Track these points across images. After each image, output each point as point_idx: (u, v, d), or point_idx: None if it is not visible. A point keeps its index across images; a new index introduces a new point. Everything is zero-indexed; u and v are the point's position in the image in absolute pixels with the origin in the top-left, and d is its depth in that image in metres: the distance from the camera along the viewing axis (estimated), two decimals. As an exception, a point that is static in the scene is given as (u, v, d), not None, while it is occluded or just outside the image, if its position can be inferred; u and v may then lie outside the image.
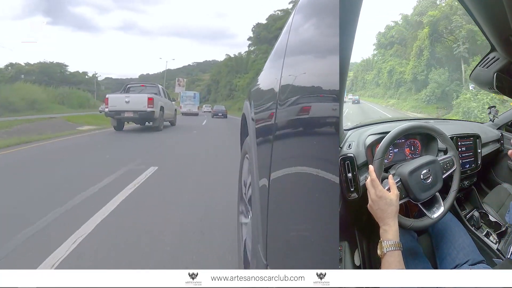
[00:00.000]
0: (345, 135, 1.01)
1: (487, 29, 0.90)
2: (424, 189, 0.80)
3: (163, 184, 2.96)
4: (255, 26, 40.65)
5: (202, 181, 3.10)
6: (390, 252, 0.65)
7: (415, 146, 1.02)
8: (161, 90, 8.81)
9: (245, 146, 1.30)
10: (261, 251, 0.83)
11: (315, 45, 0.64)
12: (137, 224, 1.95)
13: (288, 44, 0.85)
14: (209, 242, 1.71)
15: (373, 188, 0.71)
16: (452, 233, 0.91)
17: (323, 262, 0.50)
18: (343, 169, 0.88)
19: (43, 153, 4.87)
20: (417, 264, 0.83)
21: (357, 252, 0.97)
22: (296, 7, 0.87)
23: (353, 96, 12.85)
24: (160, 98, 8.21)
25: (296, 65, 0.75)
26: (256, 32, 39.96)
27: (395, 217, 0.69)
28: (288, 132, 0.74)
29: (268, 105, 0.94)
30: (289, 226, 0.67)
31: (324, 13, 0.60)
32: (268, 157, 0.82)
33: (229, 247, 1.61)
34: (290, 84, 0.75)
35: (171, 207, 2.30)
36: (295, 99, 0.69)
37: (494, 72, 1.06)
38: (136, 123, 8.41)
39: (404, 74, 14.24)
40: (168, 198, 2.52)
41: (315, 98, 0.58)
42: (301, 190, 0.61)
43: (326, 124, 0.52)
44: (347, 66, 0.62)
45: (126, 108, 7.37)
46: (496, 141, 1.32)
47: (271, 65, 1.11)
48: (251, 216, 1.09)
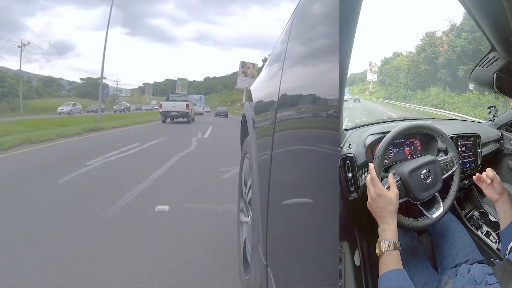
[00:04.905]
0: (345, 135, 1.01)
1: (487, 29, 0.90)
2: (423, 189, 0.80)
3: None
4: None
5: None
6: (389, 251, 0.65)
7: (415, 146, 1.02)
8: (189, 99, 14.93)
9: (245, 146, 1.30)
10: (261, 251, 0.83)
11: (315, 45, 0.65)
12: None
13: (289, 44, 0.85)
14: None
15: (373, 186, 0.71)
16: (452, 233, 0.91)
17: (323, 262, 0.50)
18: (343, 169, 0.88)
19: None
20: (417, 264, 0.83)
21: (357, 252, 0.97)
22: (297, 5, 0.87)
23: (353, 96, 13.00)
24: (190, 103, 13.86)
25: (296, 65, 0.75)
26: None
27: (394, 216, 0.69)
28: (288, 132, 0.74)
29: (268, 105, 0.94)
30: (289, 226, 0.67)
31: (324, 12, 0.60)
32: (268, 157, 0.82)
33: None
34: (290, 84, 0.75)
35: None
36: (295, 99, 0.69)
37: (494, 72, 1.06)
38: (176, 119, 13.72)
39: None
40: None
41: (315, 98, 0.58)
42: (301, 190, 0.61)
43: (326, 124, 0.52)
44: (347, 66, 0.62)
45: (173, 110, 13.02)
46: (496, 141, 1.32)
47: (272, 65, 1.11)
48: (251, 215, 1.09)
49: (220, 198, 2.53)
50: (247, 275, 1.08)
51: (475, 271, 0.72)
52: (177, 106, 12.98)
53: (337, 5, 0.49)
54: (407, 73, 13.78)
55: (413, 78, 13.36)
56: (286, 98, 0.76)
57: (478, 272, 0.72)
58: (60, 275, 1.38)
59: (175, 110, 13.00)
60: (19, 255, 1.55)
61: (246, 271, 1.13)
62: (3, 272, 1.40)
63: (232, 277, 1.36)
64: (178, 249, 1.64)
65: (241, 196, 1.41)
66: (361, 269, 0.94)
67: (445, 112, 9.76)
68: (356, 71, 15.06)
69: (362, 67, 15.56)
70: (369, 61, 15.75)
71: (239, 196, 1.48)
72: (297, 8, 0.85)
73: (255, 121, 1.11)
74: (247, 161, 1.22)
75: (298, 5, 0.84)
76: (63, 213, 2.15)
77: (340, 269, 0.89)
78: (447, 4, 13.22)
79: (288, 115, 0.72)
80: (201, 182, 3.10)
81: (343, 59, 0.54)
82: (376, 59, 16.27)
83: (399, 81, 14.20)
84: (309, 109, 0.61)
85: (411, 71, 13.46)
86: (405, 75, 13.92)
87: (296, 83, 0.71)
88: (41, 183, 2.97)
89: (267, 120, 0.91)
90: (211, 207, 2.32)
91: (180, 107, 12.96)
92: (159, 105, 14.33)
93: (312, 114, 0.59)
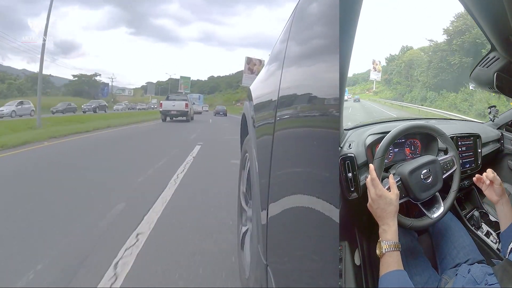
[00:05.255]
0: (345, 135, 1.01)
1: (487, 29, 0.90)
2: (424, 189, 0.80)
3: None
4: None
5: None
6: (389, 252, 0.65)
7: (415, 146, 1.02)
8: (188, 98, 15.80)
9: (245, 145, 1.30)
10: (261, 251, 0.83)
11: (315, 44, 0.64)
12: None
13: (289, 43, 0.85)
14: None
15: (373, 187, 0.71)
16: (452, 233, 0.91)
17: (323, 262, 0.50)
18: (343, 169, 0.88)
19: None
20: (417, 264, 0.83)
21: (357, 252, 0.97)
22: (297, 5, 0.87)
23: (353, 96, 12.79)
24: (189, 103, 14.48)
25: (296, 64, 0.75)
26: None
27: (395, 217, 0.69)
28: (288, 131, 0.73)
29: (268, 104, 0.94)
30: (289, 226, 0.67)
31: (324, 11, 0.60)
32: (268, 157, 0.82)
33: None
34: (290, 83, 0.75)
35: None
36: (295, 98, 0.69)
37: (494, 72, 1.06)
38: (176, 117, 14.22)
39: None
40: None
41: (315, 98, 0.57)
42: (301, 190, 0.61)
43: (326, 123, 0.52)
44: (348, 65, 0.62)
45: (172, 109, 13.65)
46: (496, 141, 1.32)
47: (272, 64, 1.11)
48: (251, 215, 1.09)
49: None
50: (246, 275, 1.08)
51: (475, 271, 0.72)
52: (177, 105, 13.66)
53: (337, 4, 0.49)
54: (427, 68, 10.76)
55: (436, 74, 10.16)
56: (286, 97, 0.76)
57: (478, 272, 0.72)
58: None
59: (175, 109, 13.66)
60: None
61: (246, 271, 1.13)
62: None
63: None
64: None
65: (241, 196, 1.41)
66: (361, 268, 0.94)
67: (445, 112, 8.34)
68: (358, 71, 13.47)
69: (364, 67, 13.88)
70: (373, 58, 13.10)
71: (239, 196, 1.47)
72: (297, 7, 0.85)
73: (255, 120, 1.11)
74: (247, 161, 1.22)
75: (298, 4, 0.84)
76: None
77: (340, 268, 0.89)
78: (447, 4, 12.94)
79: (288, 114, 0.72)
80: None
81: (343, 58, 0.54)
82: (380, 57, 14.51)
83: (414, 78, 11.57)
84: (309, 108, 0.60)
85: (434, 66, 10.25)
86: (424, 71, 10.99)
87: (296, 82, 0.71)
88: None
89: (267, 119, 0.91)
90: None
91: (180, 106, 13.66)
92: (159, 104, 14.99)
93: (312, 113, 0.59)
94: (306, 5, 0.76)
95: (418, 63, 11.47)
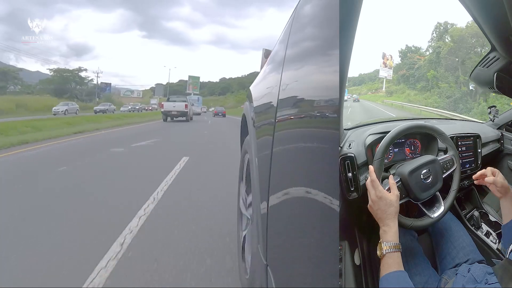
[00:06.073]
0: (345, 135, 1.01)
1: (487, 29, 0.90)
2: (424, 189, 0.80)
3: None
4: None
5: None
6: (390, 253, 0.65)
7: (415, 145, 1.02)
8: (188, 99, 16.63)
9: (245, 145, 1.30)
10: (261, 251, 0.83)
11: (315, 44, 0.64)
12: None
13: (289, 43, 0.85)
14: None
15: (373, 189, 0.71)
16: (452, 233, 0.91)
17: (323, 262, 0.50)
18: (343, 169, 0.88)
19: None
20: (417, 264, 0.83)
21: (357, 252, 0.97)
22: (297, 5, 0.87)
23: (353, 95, 12.51)
24: (188, 104, 15.46)
25: (296, 64, 0.75)
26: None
27: (395, 217, 0.69)
28: (288, 131, 0.73)
29: (268, 104, 0.94)
30: (289, 226, 0.67)
31: (324, 12, 0.60)
32: (268, 157, 0.82)
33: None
34: (290, 83, 0.75)
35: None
36: (295, 98, 0.69)
37: (494, 72, 1.06)
38: (176, 118, 15.16)
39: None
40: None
41: (315, 98, 0.57)
42: (301, 190, 0.61)
43: (326, 123, 0.52)
44: (348, 65, 0.62)
45: (173, 110, 14.61)
46: (496, 141, 1.32)
47: (271, 64, 1.11)
48: (250, 215, 1.09)
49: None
50: (247, 275, 1.08)
51: (475, 270, 0.72)
52: (177, 106, 14.73)
53: (337, 4, 0.49)
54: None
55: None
56: (286, 97, 0.76)
57: (478, 271, 0.72)
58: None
59: (175, 110, 14.69)
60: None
61: (246, 271, 1.13)
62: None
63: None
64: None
65: (241, 196, 1.41)
66: (361, 268, 0.94)
67: (445, 112, 7.54)
68: (365, 71, 11.27)
69: (371, 67, 11.35)
70: (383, 52, 9.52)
71: (238, 196, 1.47)
72: (297, 7, 0.85)
73: (255, 120, 1.11)
74: (247, 161, 1.22)
75: (298, 4, 0.84)
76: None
77: (340, 268, 0.89)
78: (447, 4, 12.70)
79: (288, 114, 0.72)
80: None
81: (343, 58, 0.54)
82: (392, 51, 10.93)
83: (464, 69, 7.47)
84: (309, 108, 0.60)
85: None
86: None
87: (296, 82, 0.71)
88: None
89: (267, 120, 0.91)
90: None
91: (180, 107, 14.74)
92: (160, 105, 16.67)
93: (312, 113, 0.59)
94: (306, 6, 0.76)
95: (468, 45, 6.88)
